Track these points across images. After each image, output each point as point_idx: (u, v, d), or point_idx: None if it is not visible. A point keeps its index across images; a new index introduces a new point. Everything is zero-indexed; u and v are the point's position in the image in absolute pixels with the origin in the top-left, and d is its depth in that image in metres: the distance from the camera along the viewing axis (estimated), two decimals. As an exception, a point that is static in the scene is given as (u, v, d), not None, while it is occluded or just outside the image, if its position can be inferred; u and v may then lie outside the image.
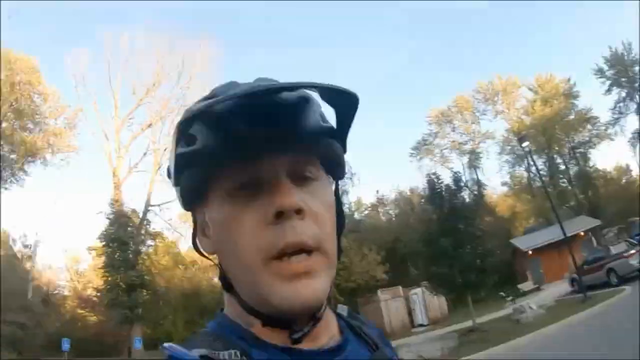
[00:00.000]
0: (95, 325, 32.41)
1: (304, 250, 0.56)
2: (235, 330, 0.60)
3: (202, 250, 0.66)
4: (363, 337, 0.67)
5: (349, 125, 0.62)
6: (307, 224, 0.56)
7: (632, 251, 18.32)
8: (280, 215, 0.55)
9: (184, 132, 0.56)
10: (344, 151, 0.65)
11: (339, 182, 0.69)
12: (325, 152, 0.62)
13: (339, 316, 0.68)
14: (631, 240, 20.15)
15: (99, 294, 30.90)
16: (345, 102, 0.59)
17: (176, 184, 0.62)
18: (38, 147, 30.36)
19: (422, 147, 47.17)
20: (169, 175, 0.64)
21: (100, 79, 32.28)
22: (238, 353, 0.54)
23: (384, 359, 0.66)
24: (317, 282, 0.56)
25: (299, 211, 0.56)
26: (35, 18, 43.27)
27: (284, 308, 0.55)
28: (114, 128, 31.88)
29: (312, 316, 0.59)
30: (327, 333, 0.63)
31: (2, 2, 25.81)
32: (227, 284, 0.61)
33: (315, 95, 0.59)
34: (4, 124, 29.06)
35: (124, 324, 26.95)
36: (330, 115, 0.62)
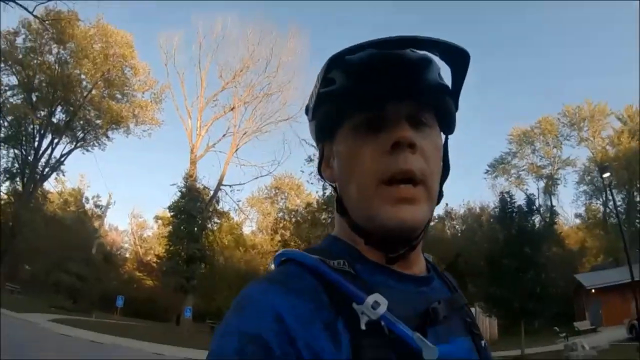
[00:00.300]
0: (150, 289, 33.94)
1: (411, 179, 0.65)
2: (342, 247, 0.71)
3: (326, 178, 0.80)
4: (444, 279, 0.80)
5: (461, 84, 0.73)
6: (416, 158, 0.66)
7: None
8: (396, 147, 0.64)
9: (325, 75, 0.68)
10: (456, 109, 0.76)
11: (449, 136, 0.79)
12: (440, 105, 0.73)
13: (426, 260, 0.79)
14: None
15: (159, 260, 32.27)
16: (459, 60, 0.69)
17: (313, 118, 0.76)
18: (123, 116, 32.17)
19: (498, 166, 46.06)
20: (306, 112, 0.79)
21: (190, 59, 34.18)
22: (346, 262, 0.65)
23: (461, 301, 0.76)
24: (417, 209, 0.65)
25: (411, 145, 0.65)
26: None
27: (388, 226, 0.65)
28: (197, 107, 33.23)
29: (408, 242, 0.68)
30: (418, 266, 0.73)
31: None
32: (342, 208, 0.72)
33: (436, 58, 0.70)
34: (94, 91, 30.95)
35: (178, 292, 28.05)
36: (447, 75, 0.73)
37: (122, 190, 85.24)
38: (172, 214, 30.17)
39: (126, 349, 15.77)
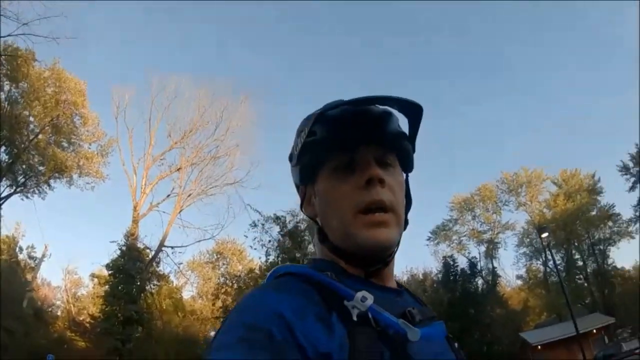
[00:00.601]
0: (81, 351, 31.87)
1: (383, 208, 0.79)
2: (326, 264, 0.83)
3: (307, 214, 0.94)
4: (413, 295, 0.94)
5: (416, 131, 0.89)
6: (385, 191, 0.81)
7: (645, 348, 17.66)
8: (369, 183, 0.79)
9: (309, 128, 0.83)
10: (413, 151, 0.92)
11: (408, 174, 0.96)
12: (400, 149, 0.89)
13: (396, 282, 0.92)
14: (645, 337, 19.50)
15: (93, 321, 30.57)
16: (414, 112, 0.86)
17: (297, 164, 0.89)
18: (68, 165, 31.01)
19: (440, 232, 46.76)
20: (290, 159, 0.94)
21: (140, 115, 33.58)
22: (332, 274, 0.75)
23: (431, 314, 0.87)
24: (389, 231, 0.80)
25: (381, 181, 0.80)
26: (91, 44, 45.70)
27: (366, 246, 0.79)
28: (144, 164, 32.67)
29: (383, 259, 0.83)
30: (391, 282, 0.87)
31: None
32: (323, 236, 0.87)
33: (395, 111, 0.87)
34: (40, 136, 29.96)
35: (112, 355, 26.41)
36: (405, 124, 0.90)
37: (58, 244, 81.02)
38: (110, 272, 28.71)
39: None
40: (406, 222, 0.89)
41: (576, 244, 41.27)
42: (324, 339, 0.63)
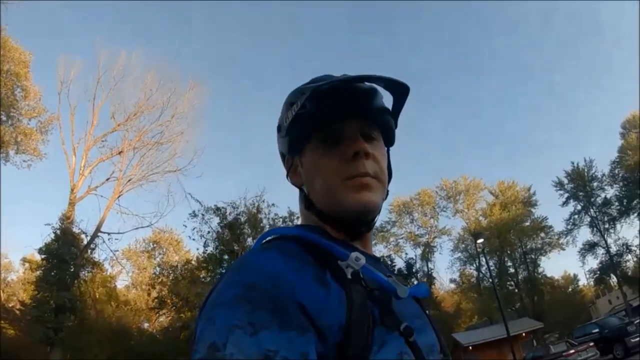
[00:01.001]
0: (11, 339, 30.11)
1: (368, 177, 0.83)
2: (312, 229, 0.84)
3: (293, 182, 0.97)
4: (389, 267, 1.01)
5: (400, 108, 0.94)
6: (371, 163, 0.85)
7: (572, 351, 18.74)
8: (356, 156, 0.83)
9: (301, 102, 0.84)
10: (395, 126, 0.97)
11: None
12: (384, 124, 0.94)
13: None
14: (571, 340, 20.64)
15: (23, 308, 28.93)
16: (399, 91, 0.89)
17: (286, 135, 0.92)
18: (5, 140, 29.15)
19: (378, 234, 47.44)
20: (279, 130, 0.96)
21: (85, 93, 31.86)
22: (320, 237, 0.78)
23: (404, 284, 0.86)
24: (374, 195, 0.84)
25: (367, 154, 0.84)
26: (40, 11, 42.93)
27: (353, 208, 0.82)
28: (84, 145, 31.03)
29: (367, 223, 0.87)
30: (371, 250, 0.92)
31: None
32: (308, 202, 0.90)
33: (380, 89, 0.90)
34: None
35: (44, 344, 25.13)
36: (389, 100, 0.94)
37: (-11, 223, 75.13)
38: (43, 257, 27.17)
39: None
40: (387, 193, 0.93)
41: (509, 252, 43.37)
42: (323, 296, 0.65)
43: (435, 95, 71.45)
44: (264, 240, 0.82)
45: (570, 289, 45.94)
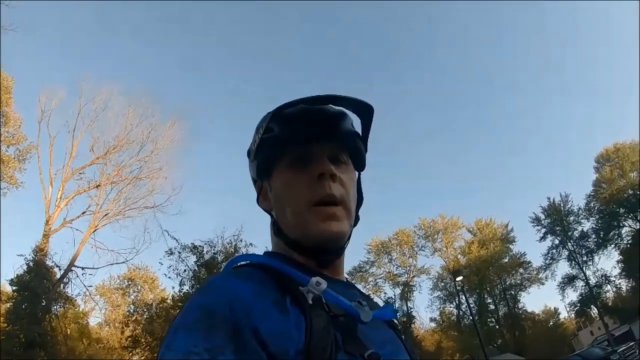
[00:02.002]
0: (-25, 376, 28.63)
1: (334, 202, 0.84)
2: (280, 256, 0.86)
3: (263, 207, 0.97)
4: (362, 292, 0.96)
5: (368, 131, 0.95)
6: (337, 186, 0.85)
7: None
8: (321, 177, 0.84)
9: (266, 124, 0.87)
10: (365, 150, 0.98)
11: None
12: (353, 147, 0.94)
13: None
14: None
15: (-9, 342, 27.68)
16: (366, 112, 0.92)
17: (254, 159, 0.94)
18: (-12, 166, 28.67)
19: (357, 274, 47.01)
20: (248, 155, 0.98)
21: (65, 124, 31.56)
22: (286, 265, 0.78)
23: (375, 305, 0.90)
24: (341, 224, 0.84)
25: (332, 176, 0.85)
26: (26, 40, 42.99)
27: (320, 238, 0.83)
28: (62, 176, 30.57)
29: (335, 251, 0.87)
30: (341, 276, 0.92)
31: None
32: (277, 229, 0.90)
33: (349, 112, 0.93)
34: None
35: (12, 382, 23.97)
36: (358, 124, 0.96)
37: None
38: (14, 288, 26.35)
39: None
40: (357, 218, 0.94)
41: (489, 288, 43.46)
42: (280, 321, 0.66)
43: (414, 133, 72.69)
44: (233, 266, 0.83)
45: (551, 323, 46.13)
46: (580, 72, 70.11)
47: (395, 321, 0.91)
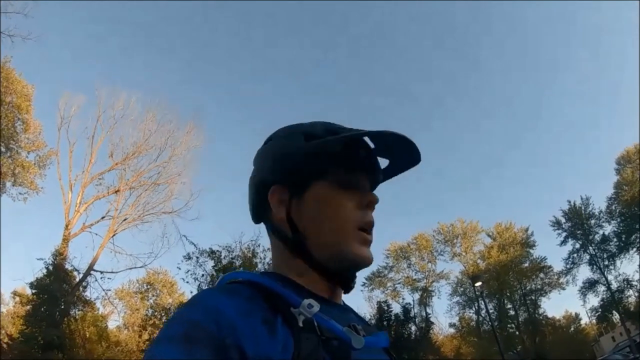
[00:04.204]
0: (-6, 376, 29.14)
1: (370, 230, 0.88)
2: (275, 276, 0.84)
3: (273, 217, 0.90)
4: (359, 315, 0.95)
5: (394, 175, 1.01)
6: (373, 215, 0.89)
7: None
8: (369, 205, 0.88)
9: (328, 138, 0.87)
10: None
11: None
12: (377, 184, 0.97)
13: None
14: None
15: (11, 342, 28.24)
16: (409, 158, 0.95)
17: (297, 164, 0.89)
18: (2, 171, 29.21)
19: (375, 279, 46.82)
20: (282, 157, 0.93)
21: (84, 130, 32.19)
22: (280, 285, 0.75)
23: (372, 329, 0.88)
24: (370, 252, 0.86)
25: (373, 206, 0.89)
26: (45, 47, 43.84)
27: (357, 261, 0.84)
28: (81, 182, 31.19)
29: (354, 276, 0.88)
30: (340, 299, 0.90)
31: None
32: (301, 247, 0.85)
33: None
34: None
35: (29, 382, 24.31)
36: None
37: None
38: (33, 291, 26.74)
39: None
40: None
41: (508, 294, 42.76)
42: (266, 341, 0.64)
43: (431, 137, 72.34)
44: (227, 282, 0.81)
45: (572, 329, 45.24)
46: (600, 72, 69.10)
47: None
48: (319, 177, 0.87)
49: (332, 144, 0.86)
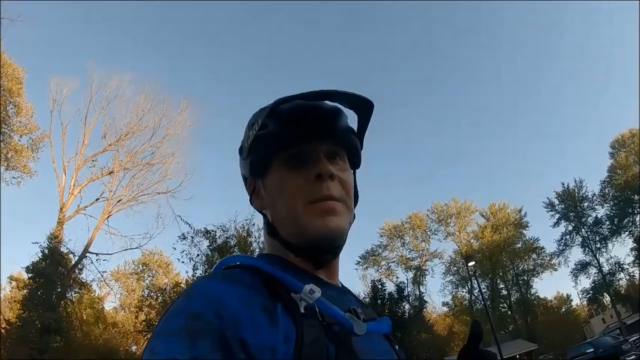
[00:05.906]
0: (-6, 360, 29.40)
1: (332, 200, 0.81)
2: (274, 259, 0.83)
3: (255, 207, 0.94)
4: (357, 297, 0.93)
5: (365, 128, 0.92)
6: (335, 185, 0.83)
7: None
8: (319, 177, 0.81)
9: (261, 120, 0.82)
10: (361, 147, 0.94)
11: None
12: (349, 145, 0.91)
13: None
14: (563, 360, 20.49)
15: (8, 327, 28.41)
16: (364, 108, 0.88)
17: (247, 157, 0.89)
18: (-3, 156, 28.95)
19: (369, 257, 47.19)
20: (240, 152, 0.94)
21: (77, 112, 31.82)
22: (280, 268, 0.75)
23: (373, 316, 0.86)
24: (339, 219, 0.81)
25: (331, 176, 0.82)
26: (35, 30, 43.25)
27: (318, 235, 0.79)
28: (75, 164, 30.93)
29: (333, 250, 0.84)
30: (337, 280, 0.89)
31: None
32: (272, 230, 0.86)
33: (344, 108, 0.89)
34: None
35: (27, 366, 24.51)
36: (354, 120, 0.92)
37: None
38: (30, 275, 26.78)
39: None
40: (354, 216, 0.90)
41: (501, 274, 43.44)
42: (268, 330, 0.63)
43: (426, 115, 72.17)
44: (224, 267, 0.80)
45: (563, 310, 46.25)
46: (596, 57, 68.72)
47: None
48: (269, 162, 0.87)
49: (272, 127, 0.84)
